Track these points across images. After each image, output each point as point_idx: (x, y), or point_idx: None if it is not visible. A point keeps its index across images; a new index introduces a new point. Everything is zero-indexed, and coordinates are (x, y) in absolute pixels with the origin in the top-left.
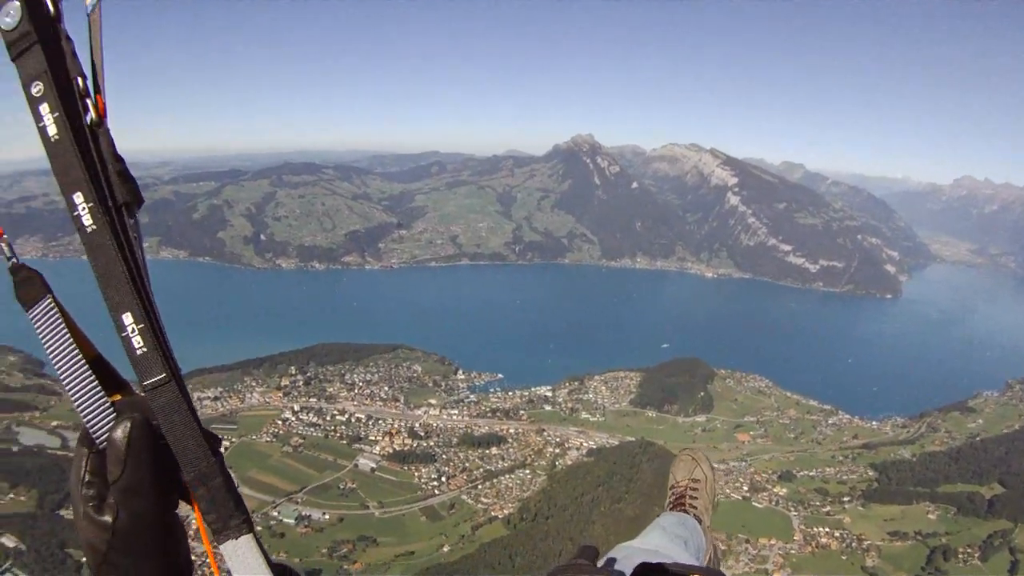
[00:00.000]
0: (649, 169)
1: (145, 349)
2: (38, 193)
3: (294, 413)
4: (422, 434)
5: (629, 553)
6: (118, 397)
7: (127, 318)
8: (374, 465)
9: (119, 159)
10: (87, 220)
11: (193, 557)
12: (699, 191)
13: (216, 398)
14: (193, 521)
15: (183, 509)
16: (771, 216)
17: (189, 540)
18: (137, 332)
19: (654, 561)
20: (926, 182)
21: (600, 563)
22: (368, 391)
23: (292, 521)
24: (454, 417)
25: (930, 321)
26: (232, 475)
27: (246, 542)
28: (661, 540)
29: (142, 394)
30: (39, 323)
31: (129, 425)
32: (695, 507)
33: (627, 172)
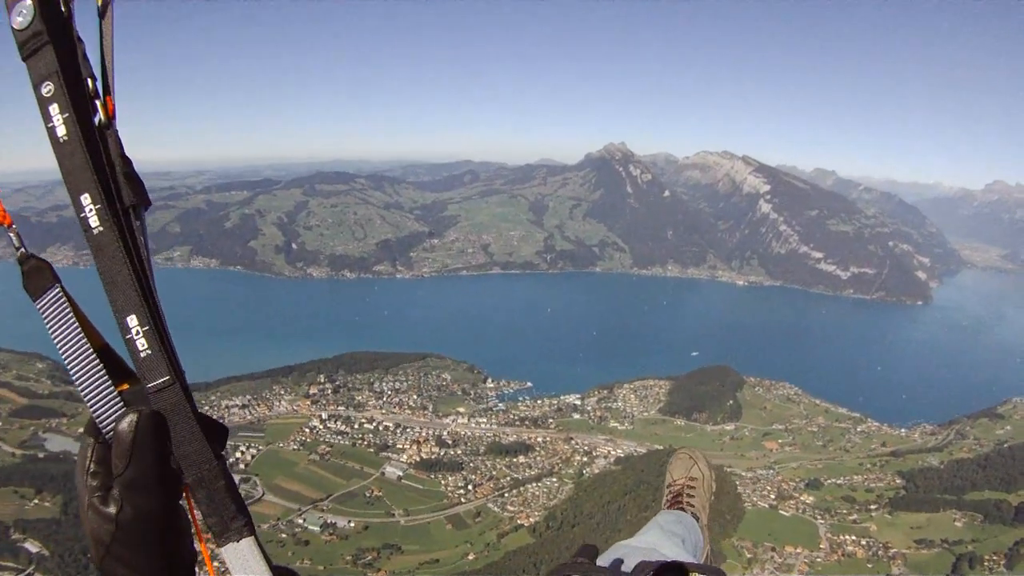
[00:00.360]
0: (681, 177)
1: (150, 352)
2: (70, 203)
3: (322, 421)
4: (450, 442)
5: (627, 551)
6: (126, 387)
7: (132, 320)
8: (401, 473)
9: (127, 161)
10: (94, 222)
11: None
12: (731, 199)
13: (244, 406)
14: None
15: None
16: (803, 223)
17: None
18: (142, 334)
19: (653, 559)
20: (958, 187)
21: (599, 562)
22: (397, 399)
23: (317, 529)
24: (482, 425)
25: (960, 328)
26: (234, 477)
27: (247, 545)
28: (659, 538)
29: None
30: (47, 312)
31: (136, 418)
32: (692, 505)
33: (659, 180)
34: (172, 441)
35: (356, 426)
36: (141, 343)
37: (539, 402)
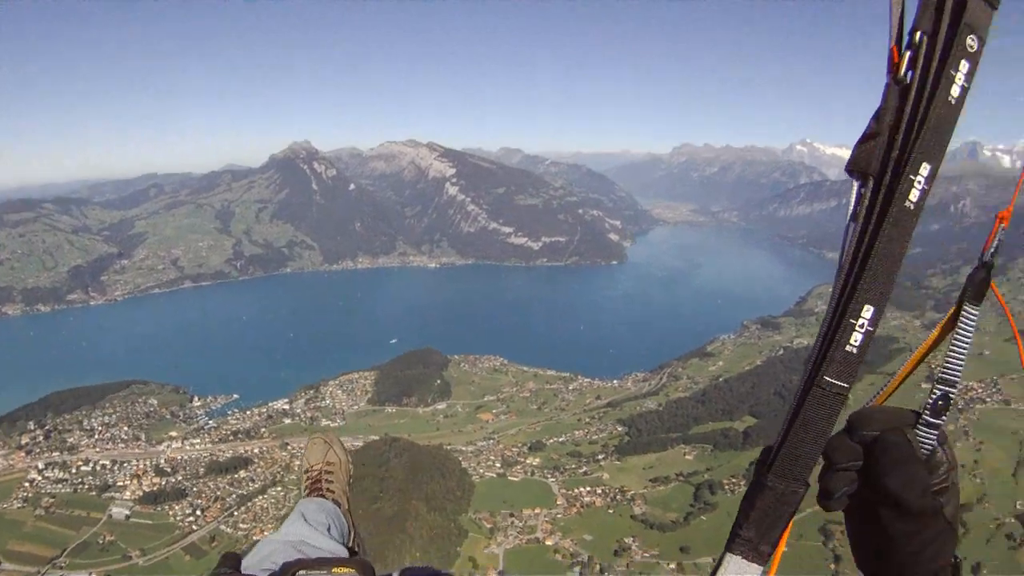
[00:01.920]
0: (366, 169)
1: None
2: None
3: (39, 472)
4: (168, 470)
5: (276, 547)
6: None
7: None
8: (128, 512)
9: None
10: None
11: None
12: (417, 185)
13: None
14: None
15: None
16: (490, 201)
17: None
18: None
19: (310, 553)
20: (645, 152)
21: (248, 561)
22: (108, 435)
23: None
24: (197, 446)
25: (657, 280)
26: None
27: None
28: (304, 529)
29: None
30: None
31: None
32: (332, 491)
33: (344, 175)
34: None
35: (74, 471)
36: None
37: (248, 412)
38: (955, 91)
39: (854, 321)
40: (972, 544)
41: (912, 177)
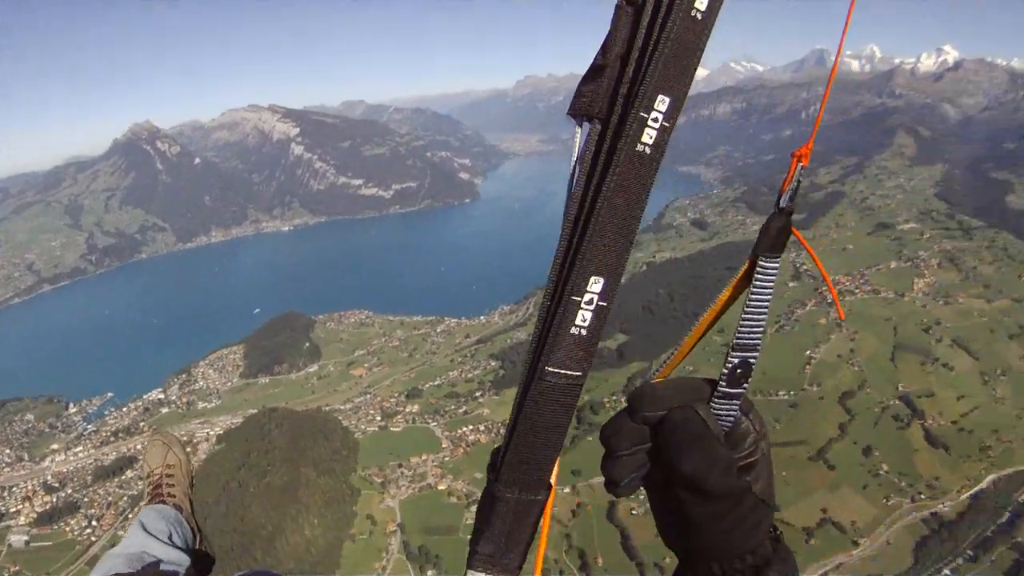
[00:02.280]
0: (210, 141)
1: None
2: None
3: None
4: (57, 485)
5: (115, 562)
6: None
7: None
8: (27, 537)
9: None
10: None
11: None
12: (262, 150)
13: None
14: None
15: None
16: (337, 156)
17: None
18: None
19: (147, 563)
20: (489, 89)
21: None
22: None
23: None
24: (80, 455)
25: (513, 213)
26: None
27: None
28: (144, 539)
29: None
30: None
31: None
32: (173, 495)
33: (188, 150)
34: None
35: None
36: None
37: (125, 409)
38: (701, 4)
39: (578, 298)
40: (860, 428)
41: (644, 115)
